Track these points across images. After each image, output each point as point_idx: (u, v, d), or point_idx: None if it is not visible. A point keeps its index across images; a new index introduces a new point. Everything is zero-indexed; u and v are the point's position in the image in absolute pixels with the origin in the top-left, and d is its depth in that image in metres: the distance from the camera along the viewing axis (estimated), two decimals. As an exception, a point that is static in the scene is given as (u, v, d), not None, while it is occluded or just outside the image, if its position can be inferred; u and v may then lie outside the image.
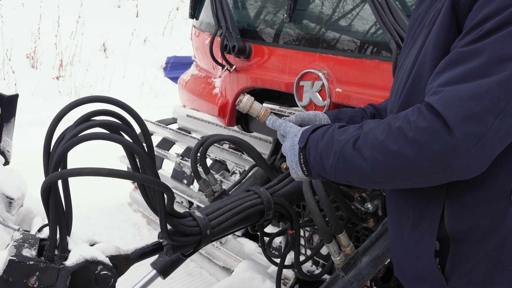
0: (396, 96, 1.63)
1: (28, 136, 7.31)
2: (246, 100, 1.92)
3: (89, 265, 1.67)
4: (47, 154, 1.70)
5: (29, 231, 3.62)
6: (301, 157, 1.67)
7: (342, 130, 1.57)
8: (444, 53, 1.44)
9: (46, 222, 1.94)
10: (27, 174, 3.79)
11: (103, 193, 5.50)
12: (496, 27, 1.30)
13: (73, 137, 1.61)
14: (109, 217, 5.15)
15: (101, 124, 1.70)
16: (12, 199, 3.45)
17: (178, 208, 4.52)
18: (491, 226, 1.45)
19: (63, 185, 1.68)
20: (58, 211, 1.64)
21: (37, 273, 1.63)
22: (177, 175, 4.59)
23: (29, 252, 1.69)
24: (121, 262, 1.77)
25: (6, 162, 3.64)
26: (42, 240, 1.75)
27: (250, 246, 3.71)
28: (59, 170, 1.61)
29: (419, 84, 1.51)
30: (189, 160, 4.35)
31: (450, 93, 1.32)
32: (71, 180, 1.64)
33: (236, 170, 4.01)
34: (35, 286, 1.63)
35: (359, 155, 1.47)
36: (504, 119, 1.29)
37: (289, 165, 1.74)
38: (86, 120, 1.70)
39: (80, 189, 5.21)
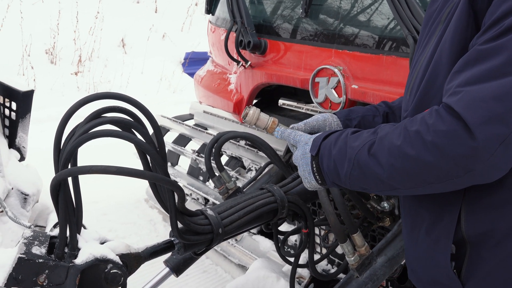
0: (411, 94, 1.58)
1: (46, 132, 7.34)
2: (253, 113, 1.87)
3: (99, 263, 1.65)
4: (58, 150, 1.70)
5: (45, 227, 3.65)
6: (314, 165, 1.62)
7: (355, 136, 1.52)
8: (462, 50, 1.38)
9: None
10: (45, 169, 3.80)
11: (119, 189, 5.51)
12: None
13: (83, 133, 1.60)
14: (125, 213, 5.16)
15: (112, 121, 1.68)
16: (27, 195, 3.46)
17: (194, 205, 4.51)
18: (509, 229, 1.40)
19: (73, 182, 1.67)
20: (68, 208, 1.63)
21: (47, 271, 1.62)
22: (193, 171, 4.58)
23: (39, 250, 1.69)
24: (132, 261, 1.75)
25: (22, 158, 3.65)
26: (52, 237, 1.74)
27: (266, 244, 3.69)
28: (69, 167, 1.60)
29: (435, 82, 1.46)
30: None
31: (470, 93, 1.26)
32: (88, 176, 1.63)
33: (252, 167, 3.99)
34: (45, 284, 1.62)
35: (375, 161, 1.42)
36: None
37: (301, 175, 1.68)
38: (96, 117, 1.69)
39: (97, 185, 5.24)
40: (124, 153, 5.20)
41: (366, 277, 2.05)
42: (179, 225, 1.76)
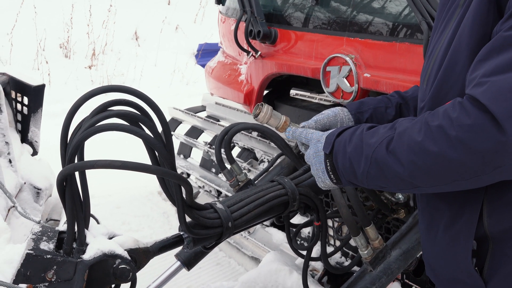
0: (428, 83, 1.51)
1: (60, 125, 7.36)
2: (266, 112, 1.80)
3: (107, 258, 1.65)
4: (64, 144, 1.68)
5: (59, 221, 3.66)
6: (328, 164, 1.55)
7: (371, 132, 1.44)
8: (483, 36, 1.32)
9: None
10: (58, 163, 3.79)
11: (133, 182, 5.51)
12: None
13: (89, 127, 1.58)
14: (138, 206, 5.17)
15: (118, 115, 1.66)
16: (40, 189, 3.47)
17: (207, 197, 4.50)
18: None
19: (80, 177, 1.65)
20: (75, 203, 1.62)
21: (55, 267, 1.62)
22: (206, 163, 4.56)
23: (47, 246, 1.68)
24: (140, 256, 1.74)
25: (34, 152, 3.66)
26: (61, 233, 1.74)
27: (279, 236, 3.67)
28: (75, 161, 1.58)
29: (453, 70, 1.39)
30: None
31: (497, 84, 1.19)
32: (102, 170, 1.60)
33: (264, 158, 3.96)
34: (53, 280, 1.62)
35: (395, 159, 1.35)
36: None
37: (314, 174, 1.62)
38: (103, 110, 1.67)
39: (109, 178, 5.25)
40: (133, 147, 5.20)
41: (380, 271, 2.01)
42: (188, 219, 1.73)
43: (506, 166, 1.21)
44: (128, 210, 5.06)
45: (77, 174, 1.61)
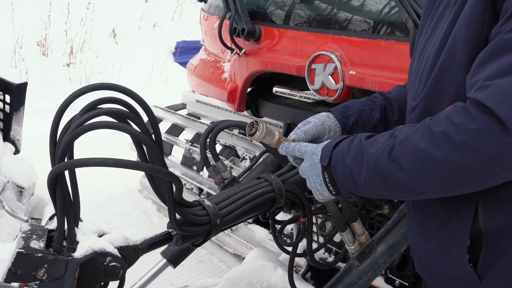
0: (420, 82, 1.51)
1: (39, 124, 7.31)
2: (262, 130, 1.71)
3: (98, 256, 1.65)
4: (54, 143, 1.68)
5: (40, 219, 3.64)
6: (326, 176, 1.53)
7: (370, 142, 1.43)
8: (479, 35, 1.33)
9: (57, 210, 1.90)
10: (38, 162, 3.78)
11: (113, 180, 5.51)
12: None
13: (79, 126, 1.58)
14: (119, 204, 5.16)
15: (108, 113, 1.67)
16: (23, 188, 3.45)
17: (188, 195, 4.51)
18: None
19: (70, 176, 1.65)
20: (66, 201, 1.62)
21: (46, 265, 1.62)
22: (187, 161, 4.57)
23: (37, 244, 1.68)
24: (130, 253, 1.74)
25: (17, 151, 3.64)
26: (50, 231, 1.74)
27: (261, 233, 3.69)
28: (66, 159, 1.58)
29: (449, 69, 1.40)
30: (199, 146, 4.33)
31: (501, 87, 1.20)
32: (81, 168, 1.61)
33: (246, 156, 3.98)
34: (44, 278, 1.62)
35: (398, 167, 1.34)
36: None
37: (311, 187, 1.60)
38: (92, 108, 1.67)
39: (90, 177, 5.22)
40: (116, 144, 5.20)
41: (366, 265, 2.04)
42: (177, 216, 1.74)
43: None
44: (109, 209, 5.04)
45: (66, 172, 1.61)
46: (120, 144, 5.16)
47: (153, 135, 1.68)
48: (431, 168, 1.29)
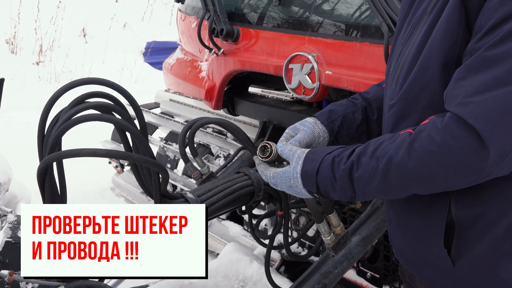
0: (397, 83, 1.58)
1: (9, 122, 7.26)
2: (275, 151, 1.68)
3: (85, 245, 1.68)
4: (42, 136, 1.70)
5: (14, 216, 3.63)
6: (316, 195, 1.59)
7: (355, 166, 1.48)
8: (453, 45, 1.41)
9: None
10: (10, 159, 3.78)
11: (85, 178, 5.49)
12: None
13: (68, 119, 1.62)
14: (91, 202, 5.16)
15: (95, 106, 1.71)
16: (-1, 183, 3.46)
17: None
18: (498, 212, 1.44)
19: (57, 167, 1.68)
20: (54, 193, 1.65)
21: (33, 254, 1.63)
22: (161, 159, 4.59)
23: (25, 233, 1.69)
24: (116, 243, 1.78)
25: (-9, 147, 3.63)
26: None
27: (235, 229, 3.73)
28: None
29: (425, 74, 1.47)
30: (173, 144, 4.38)
31: (481, 105, 1.27)
32: (55, 166, 1.64)
33: (220, 153, 4.03)
34: (31, 266, 1.63)
35: (389, 187, 1.44)
36: None
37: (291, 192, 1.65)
38: (80, 102, 1.70)
39: (63, 174, 5.20)
40: (96, 139, 5.18)
41: (341, 255, 2.12)
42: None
43: (494, 173, 1.33)
44: (82, 206, 5.02)
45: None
46: (100, 139, 5.15)
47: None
48: (420, 184, 1.40)
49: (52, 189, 1.65)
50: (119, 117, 1.72)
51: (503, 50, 1.27)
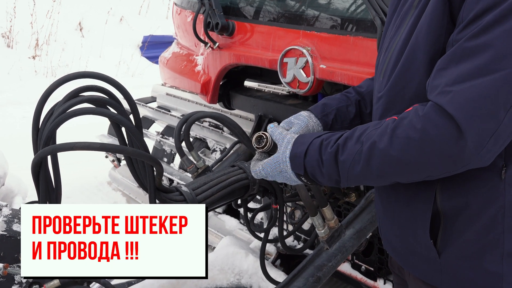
0: (384, 76, 1.60)
1: (5, 117, 7.26)
2: (270, 140, 1.68)
3: (80, 238, 1.68)
4: (36, 130, 1.71)
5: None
6: (304, 179, 1.61)
7: (340, 149, 1.50)
8: (438, 37, 1.43)
9: (27, 201, 1.94)
10: (6, 154, 3.78)
11: (82, 172, 5.50)
12: (497, 20, 1.28)
13: (63, 113, 1.62)
14: (89, 196, 5.16)
15: (90, 100, 1.71)
16: (-5, 177, 3.46)
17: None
18: (482, 203, 1.46)
19: (52, 161, 1.69)
20: (48, 186, 1.66)
21: (28, 248, 1.63)
22: (157, 153, 4.60)
23: (19, 227, 1.70)
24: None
25: (-13, 141, 3.64)
26: (31, 215, 1.76)
27: (231, 223, 3.74)
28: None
29: (411, 66, 1.49)
30: (169, 138, 4.38)
31: (461, 94, 1.29)
32: (50, 160, 1.64)
33: (216, 147, 4.04)
34: (26, 259, 1.63)
35: (369, 172, 1.45)
36: None
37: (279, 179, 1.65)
38: (74, 96, 1.71)
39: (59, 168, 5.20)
40: (92, 134, 5.19)
41: (335, 248, 2.13)
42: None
43: (472, 163, 1.35)
44: (79, 200, 5.03)
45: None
46: (96, 135, 5.16)
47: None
48: (400, 169, 1.41)
49: (46, 183, 1.65)
50: (114, 111, 1.72)
51: (482, 41, 1.29)
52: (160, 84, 4.93)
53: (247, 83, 3.88)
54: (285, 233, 2.65)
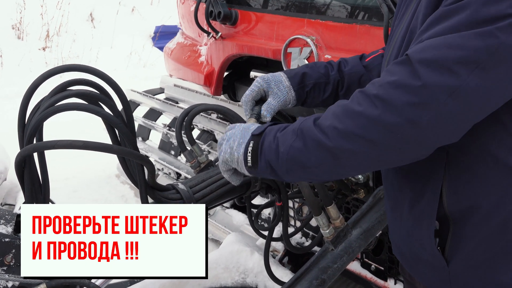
0: (388, 65, 1.49)
1: (15, 109, 7.23)
2: None
3: (67, 241, 1.61)
4: (22, 126, 1.65)
5: (14, 205, 3.59)
6: (251, 144, 1.49)
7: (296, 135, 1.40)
8: None
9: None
10: (12, 147, 3.72)
11: (90, 166, 5.47)
12: None
13: (49, 107, 1.55)
14: (96, 189, 5.14)
15: (78, 94, 1.64)
16: (-5, 172, 3.40)
17: (166, 179, 4.48)
18: (493, 205, 1.36)
19: (39, 158, 1.63)
20: (34, 186, 1.59)
21: (13, 251, 1.60)
22: (165, 146, 4.54)
23: (5, 229, 1.66)
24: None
25: (-11, 135, 3.58)
26: (19, 216, 1.70)
27: (239, 218, 3.68)
28: (34, 142, 1.55)
29: None
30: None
31: (426, 43, 1.24)
32: (58, 153, 1.58)
33: (224, 140, 3.95)
34: (12, 264, 1.59)
35: (319, 130, 1.33)
36: (481, 75, 1.17)
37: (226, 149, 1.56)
38: (62, 90, 1.64)
39: (67, 162, 5.18)
40: (95, 128, 5.14)
41: (341, 249, 2.04)
42: (150, 200, 1.72)
43: (423, 121, 1.20)
44: (86, 194, 5.01)
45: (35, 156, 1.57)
46: (95, 129, 5.10)
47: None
48: (348, 124, 1.29)
49: (32, 182, 1.58)
50: (105, 107, 1.64)
51: (461, 3, 1.24)
52: (168, 75, 4.86)
53: (253, 74, 3.79)
54: (292, 230, 2.55)
